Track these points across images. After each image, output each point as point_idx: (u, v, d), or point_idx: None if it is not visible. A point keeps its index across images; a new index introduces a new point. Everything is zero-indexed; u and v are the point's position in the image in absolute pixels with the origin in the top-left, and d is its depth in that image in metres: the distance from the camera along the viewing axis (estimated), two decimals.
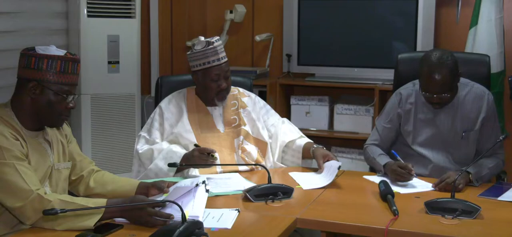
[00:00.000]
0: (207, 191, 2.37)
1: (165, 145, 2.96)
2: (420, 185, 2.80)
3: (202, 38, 3.04)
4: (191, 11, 5.23)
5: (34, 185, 2.13)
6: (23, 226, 2.19)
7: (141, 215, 2.15)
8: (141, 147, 2.98)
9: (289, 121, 3.31)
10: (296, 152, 3.15)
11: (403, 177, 2.79)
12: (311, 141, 3.15)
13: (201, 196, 2.31)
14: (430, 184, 2.78)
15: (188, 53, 3.07)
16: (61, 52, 2.27)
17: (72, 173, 2.52)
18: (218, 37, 3.08)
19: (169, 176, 2.85)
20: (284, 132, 3.18)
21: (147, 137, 3.02)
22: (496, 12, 4.28)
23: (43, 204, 2.08)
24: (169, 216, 2.16)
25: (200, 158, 2.78)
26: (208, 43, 2.99)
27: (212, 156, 2.78)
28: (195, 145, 2.88)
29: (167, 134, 3.02)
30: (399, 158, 2.87)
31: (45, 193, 2.12)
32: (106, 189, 2.51)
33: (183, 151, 2.89)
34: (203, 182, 2.37)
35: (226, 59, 3.04)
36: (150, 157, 2.91)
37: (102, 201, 2.20)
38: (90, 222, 2.09)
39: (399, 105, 3.10)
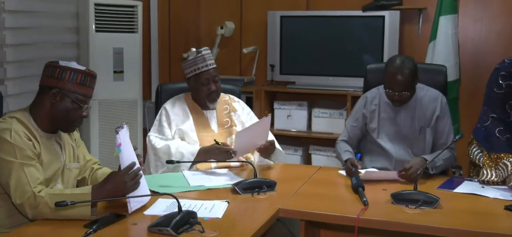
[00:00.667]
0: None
1: (179, 140, 2.98)
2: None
3: (194, 49, 3.08)
4: (186, 27, 5.23)
5: (34, 185, 2.12)
6: None
7: (120, 186, 2.15)
8: (158, 143, 2.97)
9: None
10: None
11: (350, 171, 2.82)
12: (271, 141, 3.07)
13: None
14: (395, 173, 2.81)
15: (183, 63, 3.09)
16: (82, 67, 2.29)
17: (78, 174, 2.51)
18: (206, 48, 3.09)
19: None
20: None
21: (160, 135, 3.01)
22: (452, 27, 4.31)
23: (37, 200, 2.08)
24: (140, 169, 2.21)
25: (219, 154, 2.84)
26: (198, 52, 3.03)
27: (230, 154, 2.82)
28: (216, 141, 2.90)
29: (174, 133, 3.02)
30: (357, 157, 2.95)
31: (40, 191, 2.10)
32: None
33: (196, 147, 2.90)
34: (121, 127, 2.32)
35: (214, 66, 3.05)
36: (167, 152, 2.91)
37: (88, 188, 2.18)
38: (85, 211, 2.07)
39: (365, 107, 3.13)
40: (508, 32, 4.35)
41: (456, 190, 2.65)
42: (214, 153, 2.87)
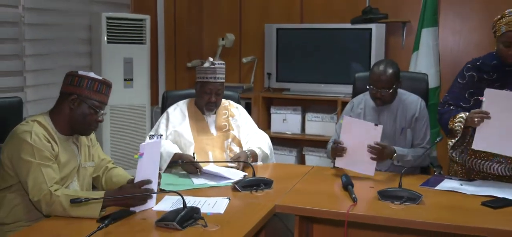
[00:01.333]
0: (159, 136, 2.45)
1: (166, 141, 2.94)
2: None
3: (211, 59, 3.04)
4: (190, 38, 5.23)
5: (50, 184, 2.12)
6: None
7: (128, 202, 2.16)
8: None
9: (263, 133, 3.22)
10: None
11: (337, 152, 2.84)
12: (252, 150, 3.00)
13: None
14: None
15: (197, 67, 3.06)
16: (99, 77, 2.31)
17: (93, 171, 2.52)
18: (222, 62, 3.05)
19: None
20: (249, 141, 3.11)
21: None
22: (433, 39, 4.33)
23: (52, 199, 2.08)
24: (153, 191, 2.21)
25: (187, 166, 2.79)
26: (212, 64, 2.99)
27: (197, 171, 2.78)
28: (194, 154, 2.87)
29: (170, 132, 3.01)
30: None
31: (56, 190, 2.10)
32: (113, 182, 2.49)
33: (173, 150, 2.87)
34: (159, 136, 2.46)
35: (222, 80, 3.02)
36: None
37: (101, 193, 2.19)
38: (95, 211, 2.08)
39: (352, 110, 3.16)
40: (485, 43, 4.35)
41: (437, 188, 2.65)
42: (184, 162, 2.79)
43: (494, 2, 4.45)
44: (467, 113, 2.68)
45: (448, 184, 2.70)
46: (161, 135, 2.63)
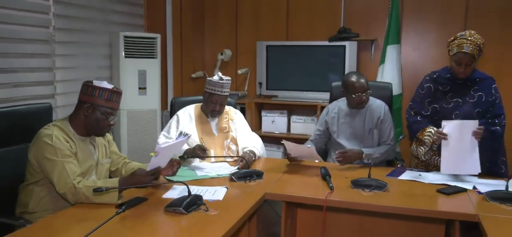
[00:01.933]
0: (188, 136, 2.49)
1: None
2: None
3: (220, 74, 3.00)
4: (194, 53, 5.22)
5: (73, 177, 2.10)
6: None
7: (141, 181, 2.17)
8: (160, 139, 2.94)
9: (256, 135, 3.22)
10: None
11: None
12: (251, 150, 3.00)
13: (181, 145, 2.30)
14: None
15: (208, 78, 3.01)
16: (110, 86, 2.25)
17: (112, 166, 2.50)
18: (229, 78, 3.01)
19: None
20: (244, 141, 3.10)
21: (167, 134, 2.99)
22: (396, 54, 4.35)
23: (76, 190, 2.07)
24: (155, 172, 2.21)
25: (196, 153, 2.78)
26: (221, 79, 2.96)
27: (204, 151, 2.79)
28: (198, 145, 2.86)
29: (179, 132, 2.99)
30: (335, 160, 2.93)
31: (78, 182, 2.09)
32: (129, 173, 2.47)
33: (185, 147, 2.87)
34: (186, 134, 2.46)
35: (226, 94, 3.00)
36: None
37: (116, 180, 2.17)
38: (113, 198, 2.06)
39: (327, 115, 3.17)
40: (440, 58, 4.38)
41: (400, 177, 2.66)
42: (195, 147, 2.82)
43: (448, 23, 4.49)
44: (435, 129, 2.69)
45: (409, 174, 2.71)
46: (187, 134, 2.56)
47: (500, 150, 2.74)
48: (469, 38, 2.61)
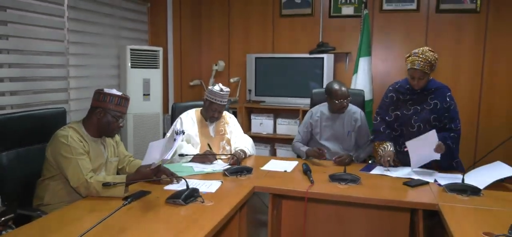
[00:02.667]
0: (183, 132, 2.35)
1: (189, 146, 2.91)
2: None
3: (221, 85, 2.95)
4: (191, 64, 5.19)
5: (86, 173, 2.07)
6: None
7: (143, 175, 2.13)
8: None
9: (247, 136, 3.18)
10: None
11: (316, 154, 2.83)
12: (242, 149, 2.96)
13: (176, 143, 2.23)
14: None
15: (209, 87, 2.97)
16: (119, 93, 2.24)
17: (119, 164, 2.47)
18: (228, 90, 2.97)
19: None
20: (237, 142, 3.07)
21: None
22: (368, 65, 4.36)
23: (88, 184, 2.04)
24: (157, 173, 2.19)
25: (207, 158, 2.78)
26: (221, 90, 2.93)
27: (214, 155, 2.80)
28: (208, 151, 2.84)
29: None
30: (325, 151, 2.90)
31: (90, 178, 2.06)
32: (134, 170, 2.43)
33: (192, 149, 2.85)
34: (182, 132, 2.35)
35: (224, 103, 2.97)
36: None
37: (123, 177, 2.13)
38: (120, 191, 2.03)
39: (311, 118, 3.14)
40: (403, 68, 4.39)
41: (371, 172, 2.66)
42: (205, 152, 2.82)
43: (409, 39, 4.53)
44: (388, 148, 2.73)
45: (379, 170, 2.71)
46: (183, 131, 2.49)
47: (454, 156, 2.72)
48: (421, 56, 2.62)
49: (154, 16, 4.75)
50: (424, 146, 2.57)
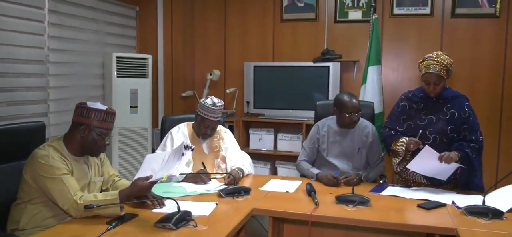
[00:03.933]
0: (192, 148, 2.19)
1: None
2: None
3: (214, 98, 2.94)
4: (184, 74, 5.20)
5: (74, 193, 2.06)
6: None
7: (141, 188, 2.12)
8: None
9: (245, 153, 3.17)
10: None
11: (331, 182, 2.79)
12: (239, 167, 2.95)
13: (184, 160, 2.15)
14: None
15: (202, 100, 2.96)
16: (104, 107, 2.21)
17: (103, 185, 2.45)
18: (222, 103, 2.97)
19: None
20: (233, 159, 3.07)
21: (161, 151, 2.94)
22: (377, 75, 4.39)
23: (78, 205, 2.04)
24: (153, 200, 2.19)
25: (201, 177, 2.77)
26: (213, 105, 2.91)
27: (208, 175, 2.80)
28: (202, 170, 2.85)
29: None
30: (335, 173, 2.86)
31: (80, 198, 2.06)
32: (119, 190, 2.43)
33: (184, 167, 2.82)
34: (191, 147, 2.19)
35: (218, 119, 2.96)
36: None
37: (116, 193, 2.12)
38: (116, 210, 2.04)
39: (317, 132, 3.11)
40: (416, 78, 4.43)
41: (382, 193, 2.65)
42: (198, 171, 2.83)
43: (422, 46, 4.55)
44: (407, 138, 2.71)
45: (391, 190, 2.71)
46: (192, 147, 2.25)
47: (476, 169, 2.71)
48: (436, 59, 2.65)
49: (142, 20, 4.78)
50: (429, 162, 2.57)
